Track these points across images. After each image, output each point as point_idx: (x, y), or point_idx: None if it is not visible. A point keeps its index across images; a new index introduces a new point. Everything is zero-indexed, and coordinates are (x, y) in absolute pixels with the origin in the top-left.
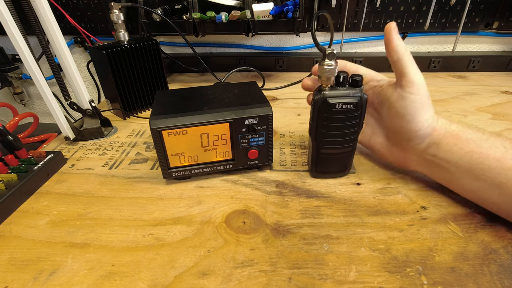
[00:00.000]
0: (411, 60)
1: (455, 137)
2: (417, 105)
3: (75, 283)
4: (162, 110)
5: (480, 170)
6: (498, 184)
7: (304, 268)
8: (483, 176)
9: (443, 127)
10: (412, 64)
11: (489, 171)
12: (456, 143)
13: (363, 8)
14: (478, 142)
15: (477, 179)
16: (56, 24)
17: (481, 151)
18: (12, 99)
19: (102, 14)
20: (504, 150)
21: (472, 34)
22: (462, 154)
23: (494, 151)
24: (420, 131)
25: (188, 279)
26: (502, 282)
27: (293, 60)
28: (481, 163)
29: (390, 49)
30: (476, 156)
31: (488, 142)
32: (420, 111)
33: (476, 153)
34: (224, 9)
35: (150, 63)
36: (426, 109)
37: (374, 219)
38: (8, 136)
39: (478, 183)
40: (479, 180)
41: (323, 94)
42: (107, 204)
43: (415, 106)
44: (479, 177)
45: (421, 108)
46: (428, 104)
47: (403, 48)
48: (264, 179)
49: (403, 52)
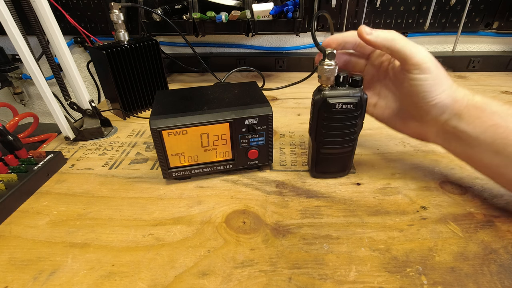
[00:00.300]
0: (404, 42)
1: (479, 110)
2: (429, 82)
3: (75, 283)
4: (162, 110)
5: (503, 145)
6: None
7: (304, 268)
8: (505, 152)
9: (465, 98)
10: (407, 46)
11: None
12: (480, 116)
13: (363, 8)
14: (504, 116)
15: (499, 154)
16: (56, 24)
17: (507, 125)
18: (12, 99)
19: (102, 14)
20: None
21: (472, 34)
22: (486, 127)
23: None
24: (438, 103)
25: (188, 279)
26: (502, 282)
27: (293, 60)
28: (506, 138)
29: (373, 45)
30: (501, 130)
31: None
32: (434, 87)
33: (501, 127)
34: (224, 9)
35: (150, 63)
36: (440, 83)
37: (374, 219)
38: (8, 136)
39: (498, 158)
40: (501, 155)
41: (323, 94)
42: (107, 204)
43: (427, 84)
44: (501, 152)
45: (434, 84)
46: (442, 77)
47: (383, 36)
48: (264, 179)
49: (388, 38)
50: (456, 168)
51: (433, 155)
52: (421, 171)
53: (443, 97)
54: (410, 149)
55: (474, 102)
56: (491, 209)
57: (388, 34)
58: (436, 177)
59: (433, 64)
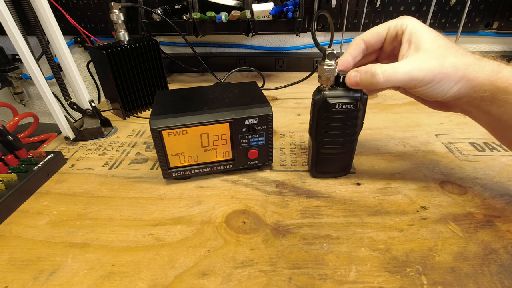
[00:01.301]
0: (389, 78)
1: (506, 93)
2: (431, 86)
3: (75, 283)
4: (162, 110)
5: None
6: None
7: (304, 268)
8: None
9: (491, 77)
10: (396, 78)
11: None
12: (508, 100)
13: (363, 8)
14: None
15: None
16: (56, 24)
17: None
18: (12, 99)
19: (102, 14)
20: None
21: (472, 34)
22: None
23: None
24: (452, 95)
25: (188, 279)
26: (502, 282)
27: (293, 60)
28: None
29: (371, 87)
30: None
31: None
32: (439, 88)
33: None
34: (224, 9)
35: (150, 63)
36: (446, 80)
37: (374, 219)
38: (8, 136)
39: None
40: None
41: (323, 94)
42: (107, 204)
43: (430, 89)
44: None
45: (439, 86)
46: (443, 76)
47: (364, 82)
48: (264, 179)
49: (368, 85)
50: (456, 168)
51: (433, 155)
52: (421, 171)
53: (455, 90)
54: (410, 149)
55: (502, 81)
56: (491, 209)
57: (368, 82)
58: (436, 177)
59: (430, 73)
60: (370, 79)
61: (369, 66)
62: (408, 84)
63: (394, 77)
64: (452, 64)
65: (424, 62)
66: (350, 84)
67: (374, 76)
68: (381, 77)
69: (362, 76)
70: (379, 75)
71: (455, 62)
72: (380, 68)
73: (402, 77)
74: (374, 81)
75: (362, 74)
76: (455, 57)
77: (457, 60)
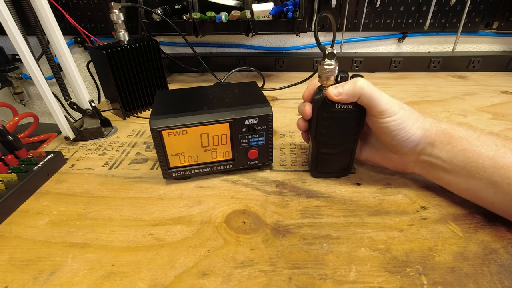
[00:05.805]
0: (368, 90)
1: (447, 136)
2: (397, 122)
3: (75, 283)
4: (162, 110)
5: (474, 168)
6: (493, 183)
7: (304, 268)
8: (478, 175)
9: (433, 126)
10: (372, 95)
11: (483, 169)
12: (449, 142)
13: (363, 8)
14: (470, 140)
15: (473, 177)
16: (56, 24)
17: (474, 149)
18: (12, 99)
19: (102, 14)
20: (496, 148)
21: (472, 34)
22: (456, 152)
23: (486, 149)
24: (411, 137)
25: (188, 279)
26: (502, 282)
27: (293, 60)
28: (475, 161)
29: (344, 101)
30: (470, 154)
31: (480, 140)
32: (403, 124)
33: (469, 151)
34: (224, 9)
35: (150, 63)
36: (408, 119)
37: (374, 219)
38: (8, 136)
39: (474, 182)
40: (475, 179)
41: (323, 94)
42: (107, 204)
43: (396, 123)
44: (475, 176)
45: (402, 122)
46: (408, 114)
47: (347, 90)
48: (264, 179)
49: (351, 92)
50: None
51: None
52: None
53: (413, 131)
54: None
55: (442, 129)
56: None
57: (351, 88)
58: None
59: (397, 107)
60: (352, 84)
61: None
62: (385, 104)
63: (375, 90)
64: (409, 108)
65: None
66: (334, 94)
67: (355, 82)
68: (363, 81)
69: (345, 86)
70: (360, 80)
71: (410, 108)
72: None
73: (384, 97)
74: (357, 86)
75: (344, 84)
76: (407, 108)
77: (411, 108)
